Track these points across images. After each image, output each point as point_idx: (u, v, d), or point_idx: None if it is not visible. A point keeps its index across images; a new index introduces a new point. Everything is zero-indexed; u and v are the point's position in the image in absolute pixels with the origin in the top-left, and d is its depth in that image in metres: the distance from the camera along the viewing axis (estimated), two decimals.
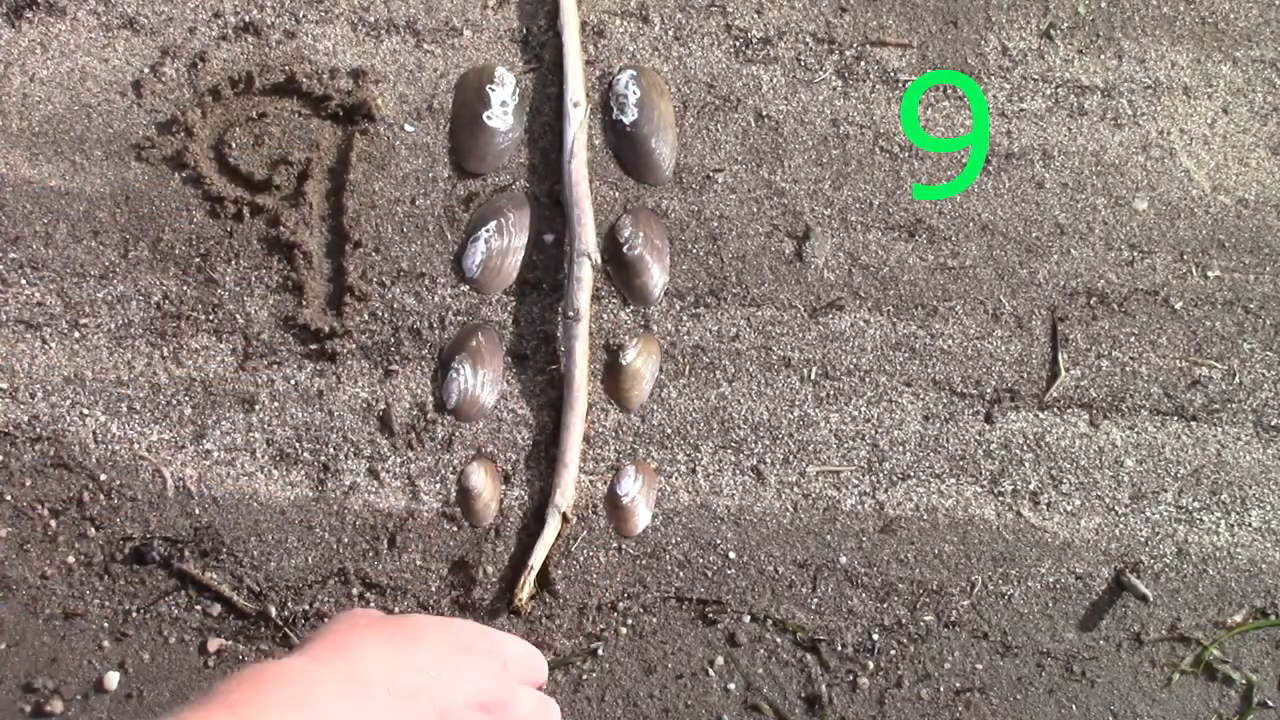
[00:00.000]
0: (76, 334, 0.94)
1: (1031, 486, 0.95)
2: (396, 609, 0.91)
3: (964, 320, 0.98)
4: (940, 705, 0.91)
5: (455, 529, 0.92)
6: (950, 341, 0.97)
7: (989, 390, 0.96)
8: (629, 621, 0.91)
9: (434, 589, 0.91)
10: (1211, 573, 0.94)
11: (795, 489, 0.94)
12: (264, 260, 0.96)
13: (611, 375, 0.95)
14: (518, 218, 0.97)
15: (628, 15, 1.02)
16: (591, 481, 0.94)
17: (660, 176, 0.99)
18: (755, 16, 1.02)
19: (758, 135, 1.00)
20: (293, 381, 0.94)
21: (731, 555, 0.92)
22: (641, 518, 0.92)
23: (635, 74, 0.99)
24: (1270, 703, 0.92)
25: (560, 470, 0.92)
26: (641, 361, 0.94)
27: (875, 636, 0.92)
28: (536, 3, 1.02)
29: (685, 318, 0.97)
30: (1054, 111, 1.02)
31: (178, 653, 0.90)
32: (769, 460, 0.94)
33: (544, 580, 0.92)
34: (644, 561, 0.92)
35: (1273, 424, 0.97)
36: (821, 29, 1.02)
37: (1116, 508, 0.95)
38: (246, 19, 1.00)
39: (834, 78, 1.01)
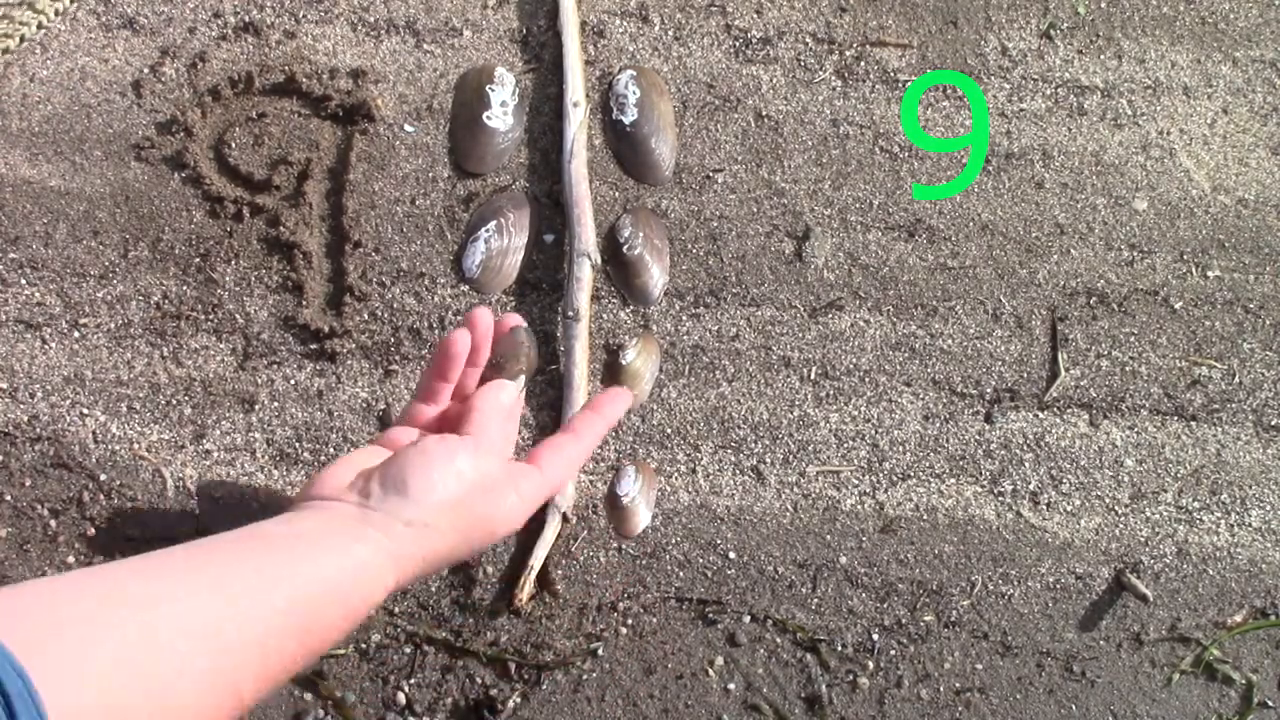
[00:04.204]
0: (76, 334, 0.94)
1: (1031, 486, 0.95)
2: (396, 609, 0.91)
3: (964, 320, 0.98)
4: (940, 705, 0.91)
5: None
6: (950, 341, 0.97)
7: (989, 390, 0.96)
8: (629, 621, 0.91)
9: (434, 589, 0.91)
10: (1211, 573, 0.94)
11: (795, 489, 0.94)
12: (264, 260, 0.96)
13: (611, 375, 0.95)
14: (518, 218, 0.97)
15: (628, 15, 1.02)
16: (591, 481, 0.94)
17: (660, 176, 0.99)
18: (755, 16, 1.02)
19: (758, 135, 1.00)
20: (293, 381, 0.94)
21: (731, 555, 0.92)
22: (641, 518, 0.92)
23: (635, 74, 0.99)
24: (1270, 703, 0.92)
25: None
26: (641, 361, 0.94)
27: (875, 636, 0.92)
28: (536, 3, 1.02)
29: (685, 318, 0.97)
30: (1054, 111, 1.02)
31: None
32: (769, 460, 0.94)
33: (544, 580, 0.91)
34: (644, 561, 0.92)
35: (1273, 424, 0.97)
36: (821, 29, 1.02)
37: (1116, 508, 0.95)
38: (246, 19, 1.00)
39: (834, 78, 1.01)
